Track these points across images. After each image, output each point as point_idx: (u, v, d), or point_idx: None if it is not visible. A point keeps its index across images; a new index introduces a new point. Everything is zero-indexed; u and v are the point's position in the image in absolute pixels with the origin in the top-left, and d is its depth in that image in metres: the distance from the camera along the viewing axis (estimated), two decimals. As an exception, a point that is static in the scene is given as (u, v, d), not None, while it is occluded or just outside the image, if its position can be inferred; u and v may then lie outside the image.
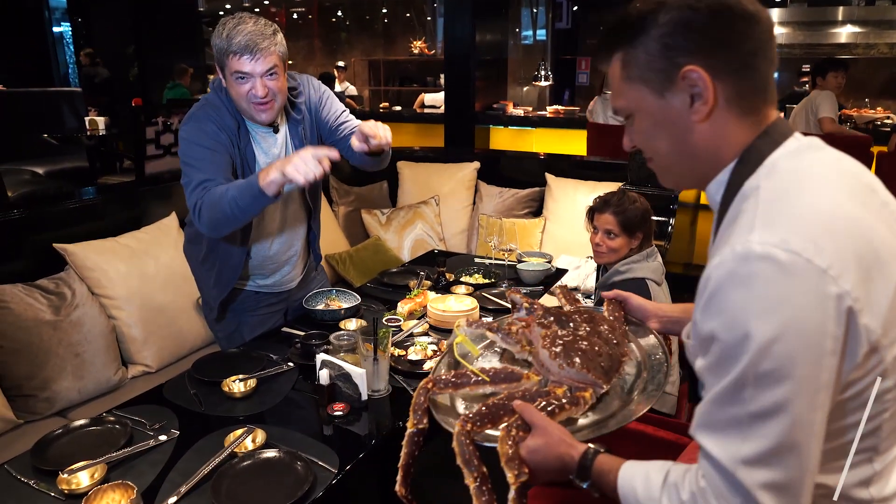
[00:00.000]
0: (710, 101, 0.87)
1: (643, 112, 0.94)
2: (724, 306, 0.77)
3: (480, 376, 1.22)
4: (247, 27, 1.73)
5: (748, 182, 0.87)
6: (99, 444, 1.39)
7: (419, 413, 1.18)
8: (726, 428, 0.78)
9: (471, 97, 5.17)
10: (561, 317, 1.33)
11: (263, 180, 1.66)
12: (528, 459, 1.01)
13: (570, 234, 3.33)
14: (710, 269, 0.80)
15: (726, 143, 0.90)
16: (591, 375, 1.17)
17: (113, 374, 2.31)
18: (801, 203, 0.80)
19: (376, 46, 10.98)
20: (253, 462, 1.31)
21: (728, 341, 0.77)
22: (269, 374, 1.71)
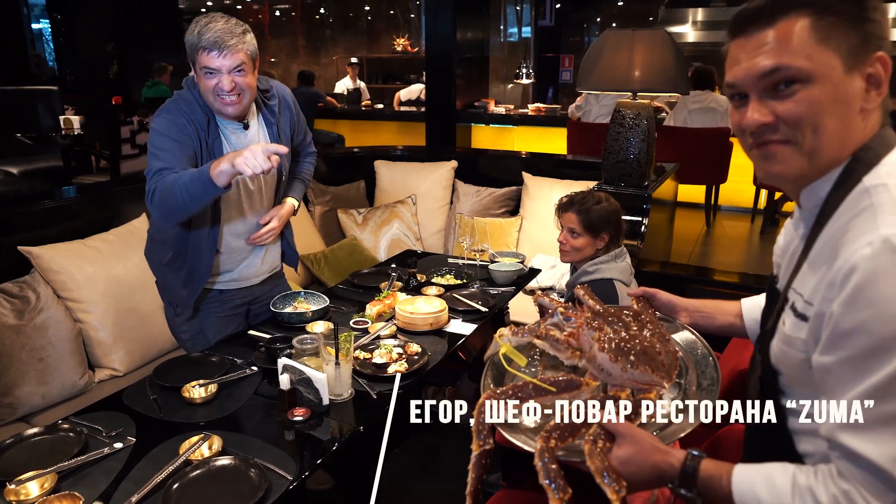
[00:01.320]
0: (884, 93, 0.87)
1: (828, 81, 0.86)
2: (877, 298, 0.75)
3: (543, 386, 1.14)
4: (217, 25, 1.79)
5: (867, 178, 0.86)
6: (52, 452, 1.37)
7: (483, 433, 1.09)
8: (879, 426, 0.76)
9: (452, 95, 5.15)
10: (608, 317, 1.27)
11: (214, 170, 1.69)
12: (621, 471, 0.95)
13: (547, 234, 3.32)
14: (854, 260, 0.78)
15: (865, 137, 0.89)
16: (655, 375, 1.12)
17: (79, 379, 2.28)
18: None
19: (360, 44, 10.93)
20: (207, 470, 1.30)
21: (882, 334, 0.75)
22: (231, 379, 1.69)
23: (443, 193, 3.85)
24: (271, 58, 11.08)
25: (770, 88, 0.89)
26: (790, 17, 0.87)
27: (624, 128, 2.99)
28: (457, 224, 3.65)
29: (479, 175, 3.89)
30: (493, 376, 1.31)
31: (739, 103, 0.94)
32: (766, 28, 0.88)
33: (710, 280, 3.53)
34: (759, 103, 0.90)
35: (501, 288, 2.39)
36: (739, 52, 0.91)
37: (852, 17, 0.85)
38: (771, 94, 0.89)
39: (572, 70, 8.94)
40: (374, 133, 7.10)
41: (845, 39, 0.85)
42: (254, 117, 2.01)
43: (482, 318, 2.10)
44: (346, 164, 4.11)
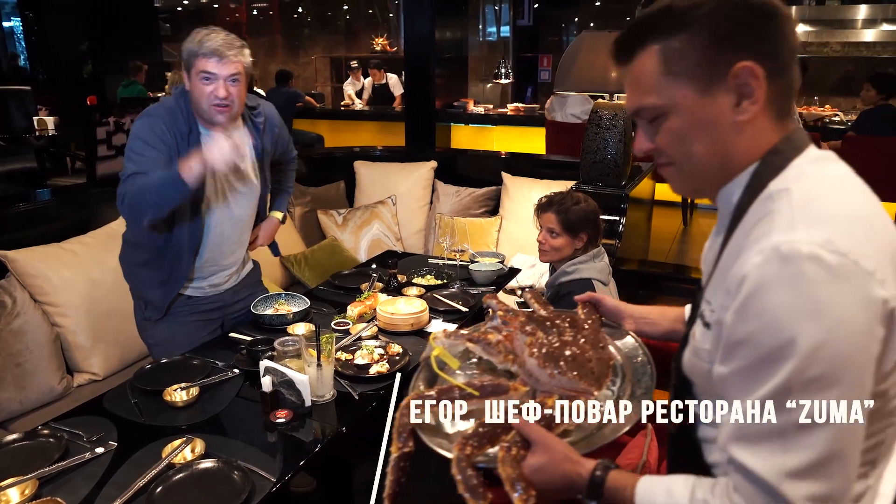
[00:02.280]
0: (760, 101, 0.83)
1: (681, 111, 0.87)
2: (765, 308, 0.73)
3: (468, 391, 1.12)
4: (218, 37, 1.87)
5: (773, 184, 0.84)
6: (32, 458, 1.36)
7: (404, 435, 1.08)
8: (766, 439, 0.74)
9: (431, 94, 5.17)
10: (544, 322, 1.26)
11: (181, 166, 1.74)
12: (532, 479, 0.94)
13: (526, 233, 3.35)
14: (747, 269, 0.76)
15: (757, 145, 0.87)
16: (583, 383, 1.11)
17: (57, 384, 2.26)
18: (839, 205, 0.78)
19: (338, 43, 10.90)
20: (189, 473, 1.30)
21: (770, 345, 0.73)
22: (212, 382, 1.69)
23: (423, 194, 3.86)
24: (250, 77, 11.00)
25: (644, 120, 0.92)
26: (644, 51, 0.88)
27: (601, 128, 3.03)
28: (437, 224, 3.67)
29: (458, 175, 3.91)
30: (426, 378, 1.30)
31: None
32: (627, 65, 0.91)
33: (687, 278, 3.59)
34: (643, 131, 0.94)
35: (482, 288, 2.42)
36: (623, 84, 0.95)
37: (699, 38, 0.83)
38: (647, 123, 0.92)
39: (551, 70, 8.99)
40: (353, 133, 7.09)
41: (695, 63, 0.84)
42: (238, 130, 2.04)
43: (463, 318, 2.12)
44: (325, 164, 4.11)
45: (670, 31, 0.85)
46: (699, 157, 0.89)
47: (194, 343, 2.01)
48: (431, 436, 1.11)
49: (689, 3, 0.84)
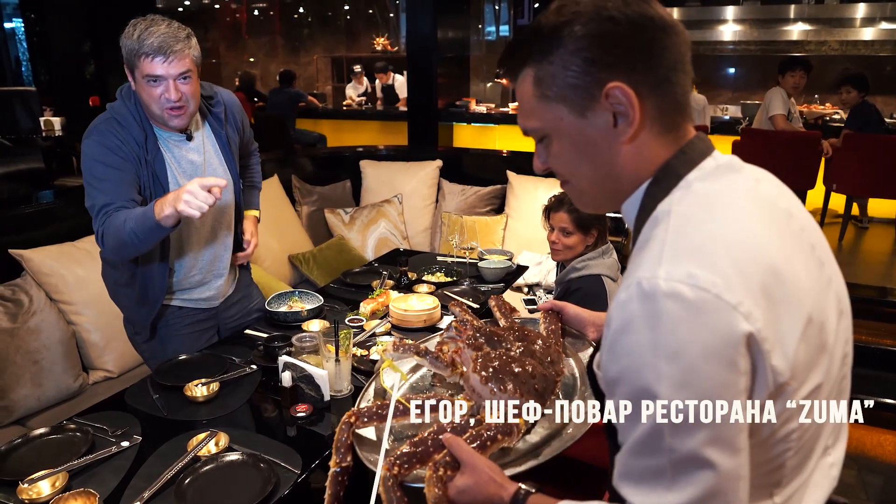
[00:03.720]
0: (635, 121, 0.80)
1: (561, 134, 0.85)
2: (628, 349, 0.72)
3: (406, 406, 1.11)
4: (160, 29, 1.67)
5: (661, 205, 0.81)
6: (60, 452, 1.39)
7: (342, 450, 1.08)
8: (648, 478, 0.73)
9: (433, 94, 5.19)
10: (493, 336, 1.26)
11: (159, 214, 1.62)
12: (456, 501, 0.94)
13: (532, 231, 3.39)
14: (613, 308, 0.74)
15: (647, 162, 0.84)
16: (524, 400, 1.09)
17: (73, 381, 2.29)
18: (706, 231, 0.75)
19: (339, 43, 10.92)
20: (216, 465, 1.33)
21: (636, 387, 0.71)
22: (231, 378, 1.72)
23: (428, 192, 3.89)
24: (249, 57, 11.02)
25: (534, 139, 0.91)
26: (522, 75, 0.86)
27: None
28: (443, 223, 3.70)
29: (463, 174, 3.94)
30: (376, 389, 1.31)
31: None
32: (513, 85, 0.89)
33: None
34: (537, 151, 0.92)
35: (491, 285, 2.45)
36: None
37: (569, 60, 0.80)
38: (539, 143, 0.91)
39: (551, 69, 9.02)
40: (355, 132, 7.12)
41: (567, 86, 0.81)
42: (198, 128, 1.91)
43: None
44: (331, 163, 4.14)
45: (542, 53, 0.82)
46: (586, 176, 0.88)
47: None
48: (367, 451, 1.11)
49: (557, 22, 0.81)
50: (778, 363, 0.71)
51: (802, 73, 4.72)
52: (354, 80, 8.37)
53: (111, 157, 1.73)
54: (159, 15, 1.73)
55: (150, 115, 1.78)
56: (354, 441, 1.12)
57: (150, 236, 1.68)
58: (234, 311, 2.13)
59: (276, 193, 3.46)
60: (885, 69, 7.85)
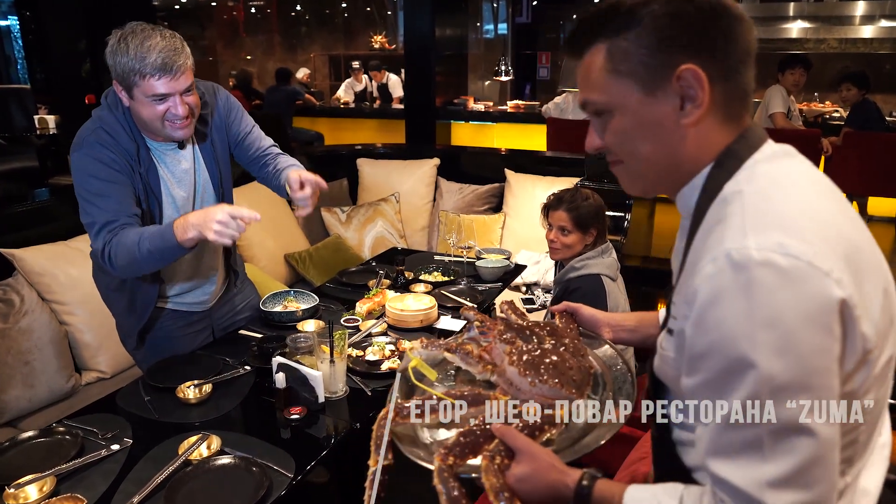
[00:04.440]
0: (704, 105, 0.82)
1: (626, 110, 0.86)
2: (721, 319, 0.72)
3: (448, 401, 1.10)
4: (156, 42, 1.58)
5: (728, 186, 0.83)
6: (48, 455, 1.36)
7: (382, 448, 1.04)
8: (743, 451, 0.72)
9: (431, 92, 5.17)
10: (524, 331, 1.25)
11: (182, 236, 1.59)
12: (517, 489, 0.92)
13: (530, 230, 3.36)
14: (700, 281, 0.75)
15: (706, 148, 0.85)
16: (565, 390, 1.09)
17: (66, 382, 2.26)
18: (786, 205, 0.76)
19: (336, 41, 10.89)
20: (207, 469, 1.31)
21: (730, 357, 0.71)
22: (224, 379, 1.69)
23: (426, 191, 3.87)
24: (247, 55, 10.98)
25: (594, 116, 0.91)
26: (592, 48, 0.87)
27: (605, 125, 3.03)
28: (441, 221, 3.67)
29: (461, 172, 3.91)
30: (403, 389, 1.27)
31: None
32: (578, 59, 0.90)
33: (689, 273, 3.59)
34: (594, 128, 0.93)
35: (488, 284, 2.42)
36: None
37: (645, 38, 0.82)
38: (597, 120, 0.91)
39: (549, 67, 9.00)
40: (353, 131, 7.09)
41: (640, 63, 0.83)
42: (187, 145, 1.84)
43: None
44: (328, 162, 4.11)
45: (618, 29, 0.83)
46: (645, 157, 0.88)
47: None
48: (409, 447, 1.09)
49: (636, 2, 0.83)
50: (867, 329, 0.72)
51: (802, 71, 4.70)
52: (353, 76, 8.33)
53: (107, 171, 1.66)
54: (141, 22, 1.64)
55: (148, 128, 1.71)
56: (394, 438, 1.08)
57: (168, 256, 1.65)
58: (227, 310, 2.09)
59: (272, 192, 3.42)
60: (884, 67, 7.83)
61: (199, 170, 1.87)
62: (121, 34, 1.60)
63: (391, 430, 1.07)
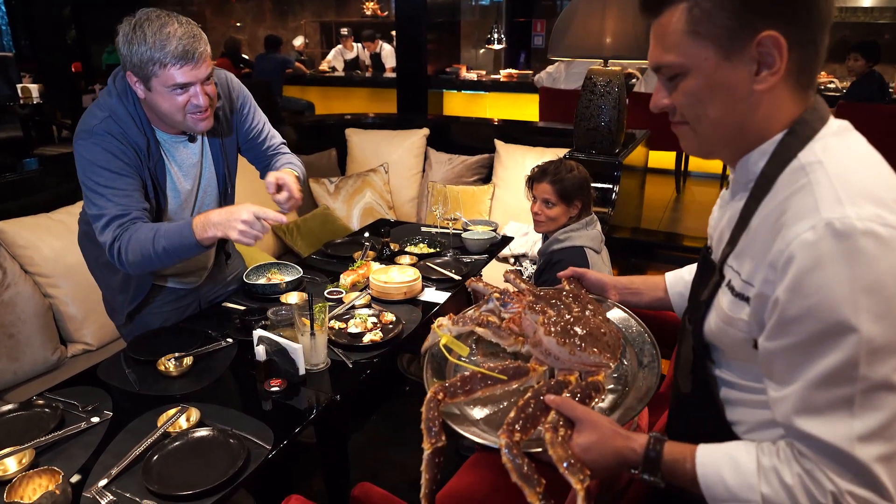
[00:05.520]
0: (780, 73, 0.83)
1: (700, 72, 0.86)
2: (823, 284, 0.75)
3: (494, 375, 1.09)
4: (175, 29, 1.52)
5: (802, 154, 0.84)
6: (28, 428, 1.36)
7: (435, 429, 1.01)
8: (833, 409, 0.77)
9: (423, 60, 5.09)
10: (549, 300, 1.24)
11: (201, 235, 1.58)
12: (584, 458, 0.92)
13: (519, 201, 3.34)
14: (796, 247, 0.77)
15: (777, 116, 0.87)
16: (603, 357, 1.10)
17: (51, 354, 2.26)
18: (873, 179, 0.80)
19: (328, 7, 10.69)
20: (185, 441, 1.31)
21: (831, 321, 0.75)
22: (206, 351, 1.69)
23: (415, 161, 3.84)
24: (237, 22, 10.78)
25: (664, 75, 0.92)
26: (672, 6, 0.87)
27: (595, 95, 3.00)
28: (429, 192, 3.65)
29: (451, 143, 3.88)
30: (434, 369, 1.26)
31: None
32: (654, 18, 0.90)
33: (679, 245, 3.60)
34: (661, 87, 0.94)
35: (474, 256, 2.42)
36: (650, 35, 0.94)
37: (728, 3, 0.82)
38: (666, 80, 0.92)
39: (544, 35, 8.87)
40: (344, 100, 7.01)
41: (721, 26, 0.83)
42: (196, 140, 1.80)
43: (456, 287, 2.12)
44: (316, 132, 4.06)
45: None
46: (713, 120, 0.89)
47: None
48: (463, 425, 1.08)
49: None
50: None
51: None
52: (343, 43, 8.19)
53: (117, 162, 1.60)
54: (154, 9, 1.56)
55: (165, 121, 1.65)
56: (447, 419, 1.06)
57: (185, 255, 1.64)
58: (216, 283, 2.09)
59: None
60: (884, 37, 7.73)
61: (207, 164, 1.84)
62: (135, 21, 1.53)
63: (441, 412, 1.05)
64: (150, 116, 1.67)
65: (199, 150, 1.81)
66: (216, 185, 1.90)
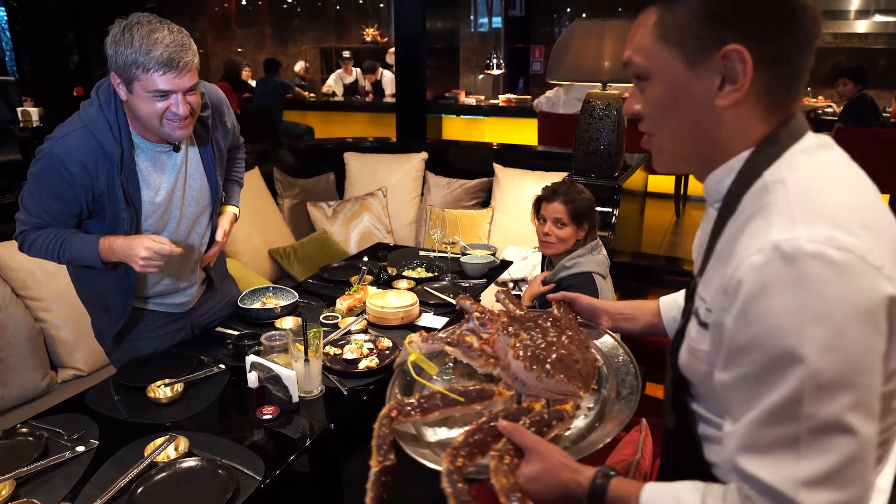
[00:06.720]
0: (743, 89, 0.79)
1: (665, 79, 0.84)
2: (769, 312, 0.69)
3: (452, 396, 1.06)
4: (163, 36, 1.51)
5: (768, 173, 0.80)
6: (10, 458, 1.32)
7: (384, 448, 0.98)
8: (777, 448, 0.70)
9: (422, 85, 5.11)
10: (526, 322, 1.21)
11: (106, 257, 1.64)
12: (528, 489, 0.89)
13: (518, 225, 3.33)
14: (745, 271, 0.72)
15: (744, 133, 0.83)
16: (572, 385, 1.06)
17: (40, 380, 2.22)
18: (835, 198, 0.74)
19: (328, 34, 10.80)
20: (173, 472, 1.27)
21: (776, 351, 0.69)
22: (197, 378, 1.65)
23: (413, 185, 3.82)
24: (238, 48, 10.88)
25: (635, 79, 0.89)
26: (648, 9, 0.85)
27: (594, 118, 2.99)
28: (428, 216, 3.63)
29: (449, 167, 3.87)
30: (402, 385, 1.24)
31: None
32: (634, 18, 0.88)
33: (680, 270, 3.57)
34: (634, 91, 0.91)
35: (473, 280, 2.38)
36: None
37: (699, 10, 0.79)
38: (636, 82, 0.89)
39: (543, 60, 8.94)
40: (343, 124, 7.03)
41: (689, 35, 0.80)
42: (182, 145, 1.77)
43: (454, 312, 2.09)
44: (315, 156, 4.06)
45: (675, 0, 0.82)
46: (675, 131, 0.87)
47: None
48: (413, 446, 1.05)
49: None
50: None
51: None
52: (343, 67, 8.24)
53: (67, 189, 1.61)
54: (147, 14, 1.57)
55: (144, 126, 1.63)
56: (397, 437, 1.04)
57: (85, 263, 1.68)
58: (207, 308, 2.04)
59: (257, 186, 3.38)
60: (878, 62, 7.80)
61: (193, 172, 1.80)
62: (125, 24, 1.53)
63: (393, 430, 1.03)
64: (132, 123, 1.66)
65: (183, 160, 1.77)
66: (208, 198, 1.86)
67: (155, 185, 1.73)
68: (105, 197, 1.65)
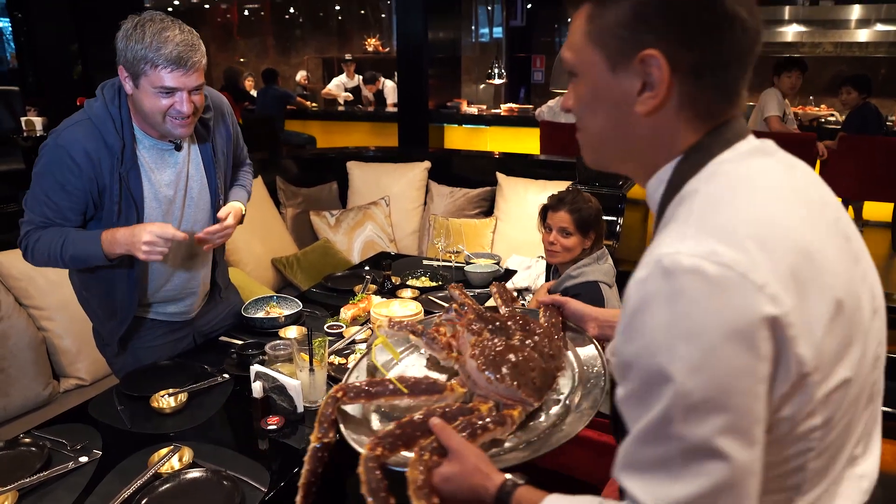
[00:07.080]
0: (659, 97, 0.76)
1: (588, 78, 0.82)
2: (644, 328, 0.67)
3: (397, 386, 1.08)
4: (174, 35, 1.55)
5: (689, 184, 0.77)
6: (12, 469, 1.31)
7: (325, 425, 1.05)
8: (653, 468, 0.68)
9: (424, 95, 5.13)
10: (494, 322, 1.21)
11: (109, 250, 1.61)
12: (441, 488, 0.90)
13: (522, 234, 3.32)
14: (631, 285, 0.70)
15: (668, 141, 0.80)
16: (522, 393, 1.06)
17: (42, 389, 2.20)
18: (734, 211, 0.71)
19: (330, 44, 10.84)
20: (177, 483, 1.25)
21: (649, 370, 0.66)
22: (201, 388, 1.64)
23: (416, 194, 3.82)
24: (240, 58, 10.92)
25: (568, 74, 0.87)
26: (581, 8, 0.83)
27: (597, 127, 2.99)
28: (431, 225, 3.62)
29: (452, 176, 3.87)
30: (367, 367, 1.28)
31: None
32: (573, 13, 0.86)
33: (683, 278, 3.55)
34: (568, 89, 0.88)
35: (477, 290, 2.37)
36: None
37: (623, 11, 0.76)
38: (571, 80, 0.87)
39: (544, 70, 8.97)
40: (345, 134, 7.04)
41: (613, 35, 0.78)
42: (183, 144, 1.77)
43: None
44: (317, 165, 4.06)
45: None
46: (597, 132, 0.85)
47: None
48: (356, 428, 1.08)
49: None
50: (803, 351, 0.66)
51: (799, 74, 4.67)
52: (345, 70, 8.26)
53: (73, 181, 1.61)
54: (160, 12, 1.60)
55: (148, 122, 1.65)
56: (339, 417, 1.08)
57: (92, 265, 1.67)
58: (210, 317, 2.03)
59: (260, 195, 3.38)
60: (879, 71, 7.82)
61: (194, 173, 1.80)
62: (138, 20, 1.56)
63: (338, 409, 1.07)
64: (135, 119, 1.67)
65: (185, 159, 1.77)
66: (208, 196, 1.85)
67: (157, 181, 1.73)
68: (108, 192, 1.66)
